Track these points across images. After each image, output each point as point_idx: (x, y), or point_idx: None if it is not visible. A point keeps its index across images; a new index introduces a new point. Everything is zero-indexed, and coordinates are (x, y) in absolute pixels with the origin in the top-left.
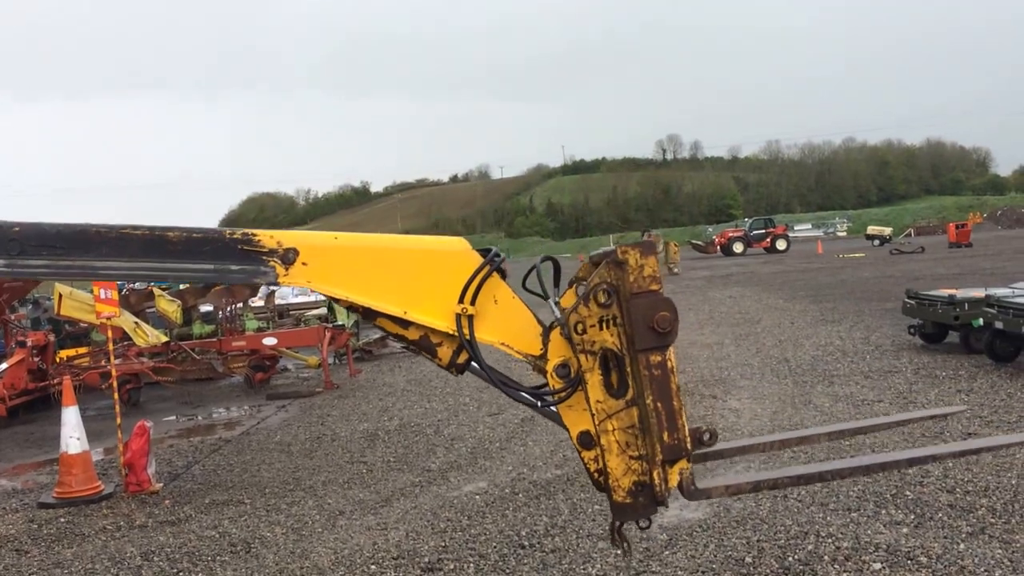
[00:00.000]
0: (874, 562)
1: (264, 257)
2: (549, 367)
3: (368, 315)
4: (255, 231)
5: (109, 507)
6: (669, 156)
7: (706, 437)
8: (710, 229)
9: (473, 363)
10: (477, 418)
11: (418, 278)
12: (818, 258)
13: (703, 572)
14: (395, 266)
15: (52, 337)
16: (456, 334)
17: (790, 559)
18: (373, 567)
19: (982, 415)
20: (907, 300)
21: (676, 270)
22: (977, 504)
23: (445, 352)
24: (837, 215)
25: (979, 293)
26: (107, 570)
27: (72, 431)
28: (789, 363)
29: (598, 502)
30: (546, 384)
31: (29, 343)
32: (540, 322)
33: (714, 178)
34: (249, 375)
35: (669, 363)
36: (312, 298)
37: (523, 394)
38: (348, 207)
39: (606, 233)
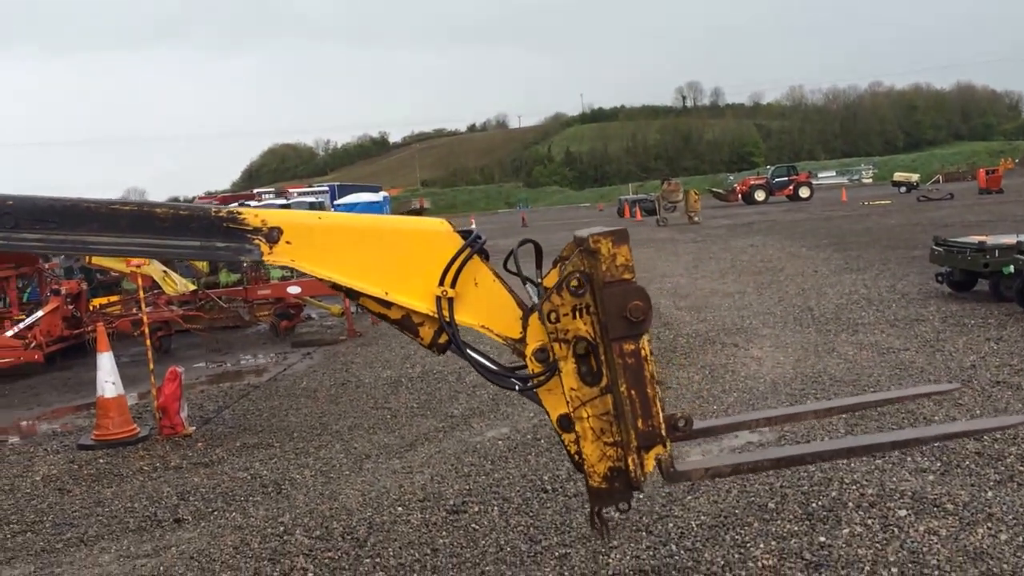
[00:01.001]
0: (899, 509)
1: (249, 235)
2: (528, 351)
3: (351, 294)
4: (241, 209)
5: (145, 449)
6: (689, 103)
7: (681, 423)
8: (731, 177)
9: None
10: None
11: (400, 259)
12: (842, 206)
13: (726, 517)
14: (377, 247)
15: (85, 285)
16: (436, 316)
17: (813, 505)
18: (400, 508)
19: (1011, 364)
20: (935, 247)
21: (696, 219)
22: (1006, 452)
23: (427, 332)
24: (862, 162)
25: (1010, 240)
26: (145, 509)
27: (107, 376)
28: (812, 312)
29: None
30: (526, 366)
31: (63, 291)
32: (521, 305)
33: (735, 125)
34: (275, 323)
35: (643, 351)
36: None
37: (502, 377)
38: (367, 157)
39: (625, 182)
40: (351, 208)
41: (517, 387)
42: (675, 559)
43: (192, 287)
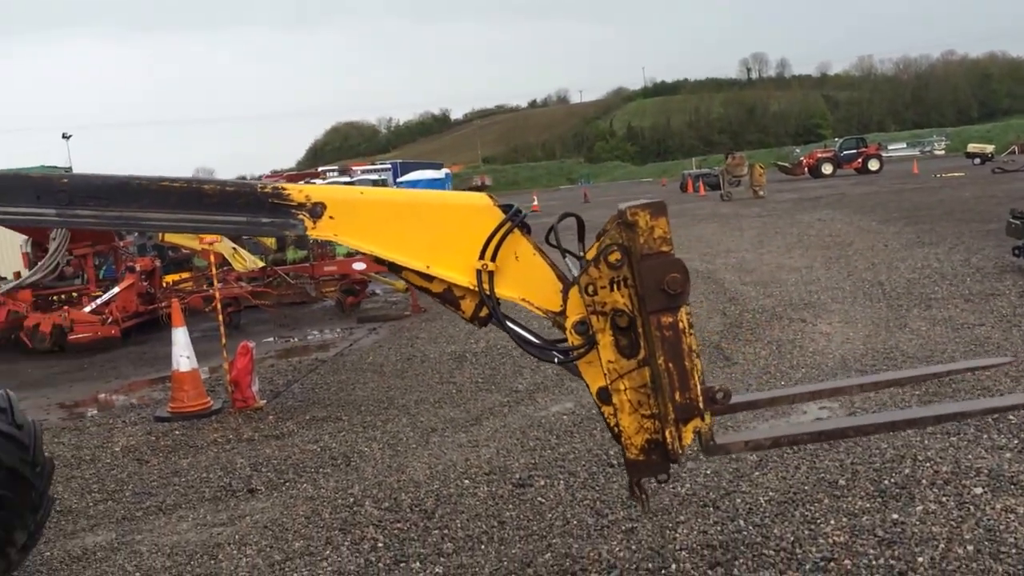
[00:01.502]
0: (975, 487)
1: (293, 210)
2: (568, 324)
3: (394, 268)
4: (285, 185)
5: (218, 421)
6: (754, 75)
7: (719, 396)
8: (797, 150)
9: (502, 315)
10: None
11: (441, 233)
12: (913, 178)
13: (795, 494)
14: (419, 221)
15: (158, 263)
16: (477, 289)
17: (886, 482)
18: (466, 481)
19: None
20: (1012, 220)
21: (761, 193)
22: None
23: (468, 305)
24: (934, 133)
25: None
26: (220, 479)
27: (182, 350)
28: (883, 286)
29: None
30: (565, 339)
31: (138, 268)
32: (561, 278)
33: (802, 97)
34: (340, 299)
35: (681, 324)
36: None
37: (542, 349)
38: (428, 135)
39: (688, 156)
40: (413, 185)
41: (556, 359)
42: (743, 535)
43: (261, 264)
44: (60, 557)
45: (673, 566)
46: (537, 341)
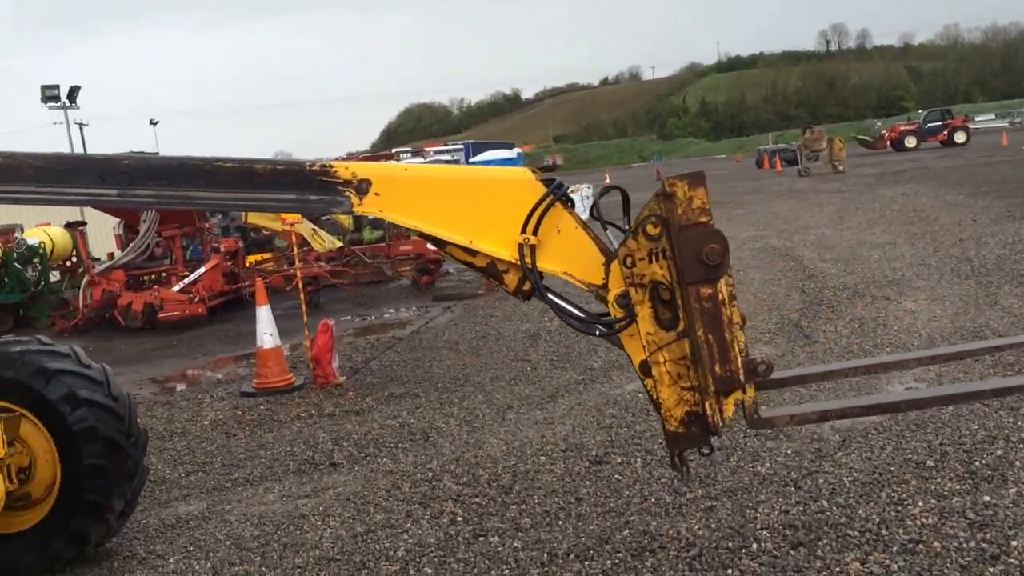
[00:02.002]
0: None
1: (340, 188)
2: (610, 297)
3: (438, 243)
4: (333, 163)
5: (301, 397)
6: (833, 47)
7: (761, 368)
8: (879, 123)
9: (537, 292)
10: None
11: (483, 208)
12: (1003, 150)
13: (880, 474)
14: (461, 196)
15: (241, 243)
16: (519, 263)
17: (976, 464)
18: (543, 458)
19: None
20: None
21: (841, 168)
22: None
23: (511, 279)
24: None
25: None
26: (303, 452)
27: (266, 328)
28: (971, 262)
29: (763, 402)
30: (608, 313)
31: (222, 249)
32: (603, 251)
33: (883, 68)
34: (416, 278)
35: (720, 295)
36: None
37: (586, 323)
38: (500, 114)
39: (764, 132)
40: (486, 165)
41: (599, 332)
42: (827, 515)
43: (339, 244)
44: (155, 525)
45: (754, 545)
46: (580, 314)
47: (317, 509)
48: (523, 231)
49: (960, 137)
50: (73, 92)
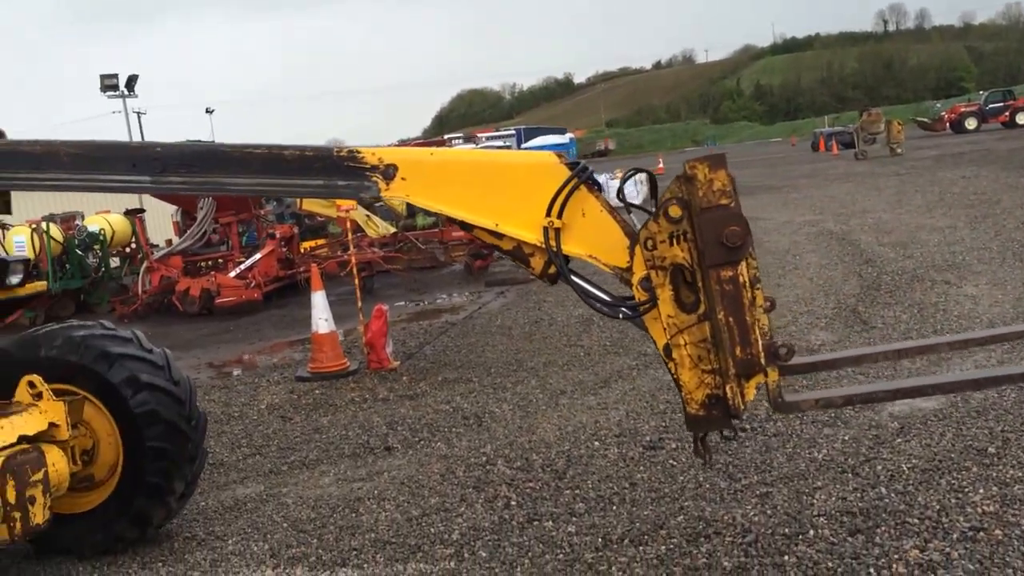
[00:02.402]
0: None
1: (367, 173)
2: (635, 280)
3: (465, 227)
4: (360, 148)
5: (355, 382)
6: (891, 27)
7: (783, 352)
8: (938, 105)
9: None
10: None
11: (509, 192)
12: None
13: (940, 461)
14: (487, 180)
15: (296, 229)
16: (544, 246)
17: None
18: (596, 443)
19: None
20: None
21: (899, 150)
22: None
23: (537, 262)
24: None
25: None
26: (358, 436)
27: (321, 313)
28: None
29: (821, 387)
30: (633, 296)
31: (277, 235)
32: (628, 235)
33: (943, 49)
34: (468, 263)
35: (741, 277)
36: None
37: (610, 306)
38: (551, 99)
39: (820, 114)
40: (539, 150)
41: (623, 315)
42: (885, 502)
43: (392, 230)
44: (214, 507)
45: (811, 532)
46: (606, 297)
47: (372, 492)
48: (548, 214)
49: (1022, 118)
50: (131, 81)
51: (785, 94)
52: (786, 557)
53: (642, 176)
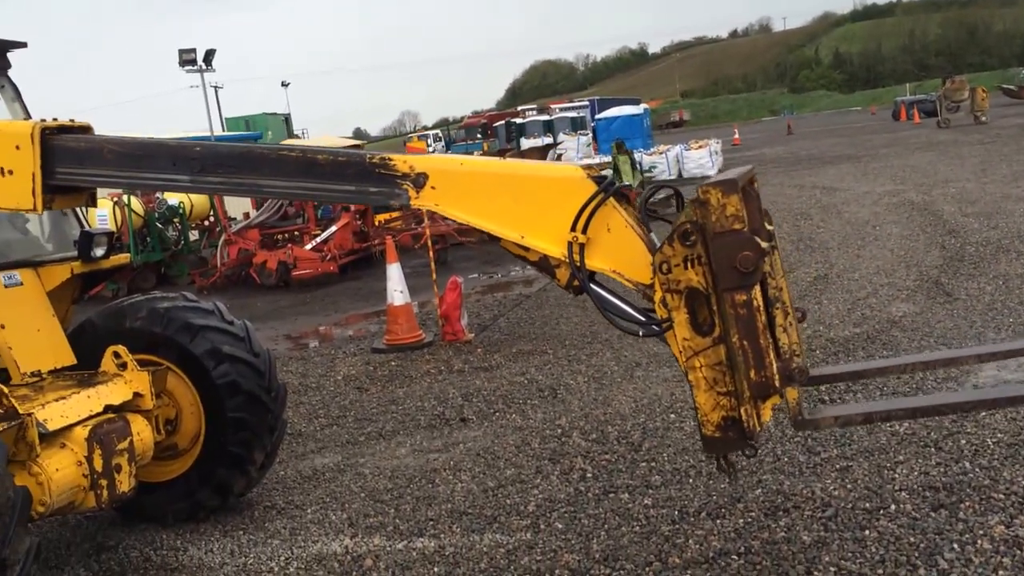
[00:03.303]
0: None
1: (398, 180)
2: (657, 297)
3: (493, 237)
4: (391, 156)
5: (430, 353)
6: None
7: (796, 374)
8: None
9: (592, 286)
10: None
11: (535, 204)
12: None
13: None
14: (514, 191)
15: None
16: (568, 261)
17: None
18: (672, 416)
19: None
20: None
21: (984, 118)
22: None
23: (563, 274)
24: None
25: None
26: (434, 408)
27: (396, 285)
28: None
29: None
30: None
31: (353, 208)
32: (653, 251)
33: None
34: None
35: (755, 302)
36: (596, 160)
37: (628, 322)
38: (626, 70)
39: (901, 82)
40: (612, 122)
41: (641, 332)
42: (969, 477)
43: None
44: (293, 476)
45: (892, 506)
46: (635, 314)
47: (448, 464)
48: (573, 229)
49: None
50: (209, 55)
51: (865, 62)
52: (867, 532)
53: (716, 147)
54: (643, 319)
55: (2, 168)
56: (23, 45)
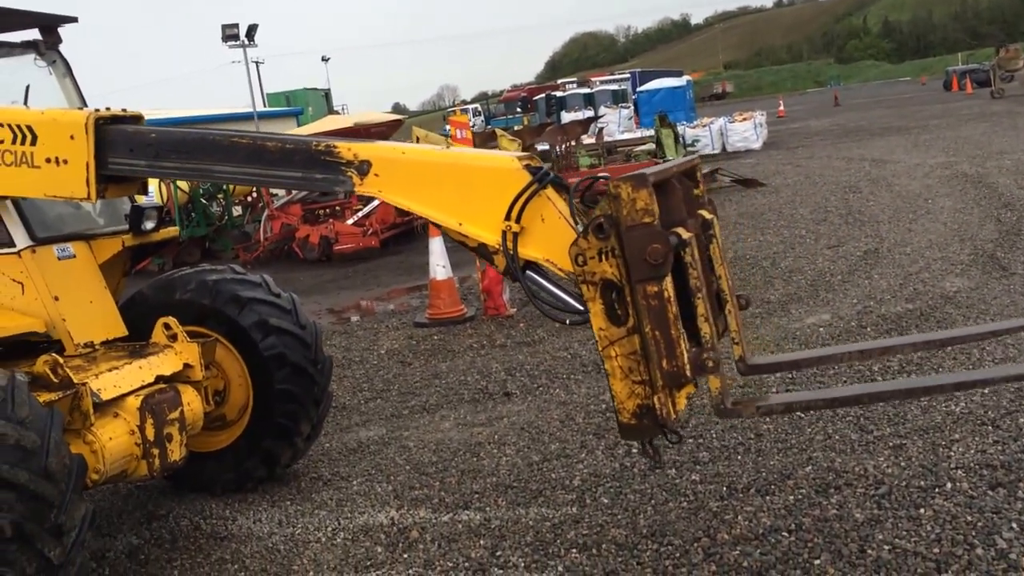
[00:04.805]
0: None
1: (343, 167)
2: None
3: (436, 224)
4: (336, 143)
5: (473, 328)
6: None
7: (709, 365)
8: None
9: (528, 272)
10: (815, 250)
11: (473, 193)
12: None
13: None
14: (453, 180)
15: None
16: (502, 249)
17: None
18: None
19: None
20: None
21: None
22: None
23: (500, 261)
24: None
25: None
26: (477, 382)
27: (439, 260)
28: None
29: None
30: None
31: None
32: None
33: None
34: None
35: (666, 293)
36: (638, 134)
37: (554, 309)
38: (667, 42)
39: (952, 51)
40: (655, 94)
41: (568, 321)
42: None
43: None
44: (338, 449)
45: (948, 485)
46: (569, 301)
47: (492, 437)
48: (507, 218)
49: None
50: (251, 30)
51: (915, 31)
52: (922, 511)
53: (761, 119)
54: (581, 307)
55: (57, 157)
56: (74, 20)
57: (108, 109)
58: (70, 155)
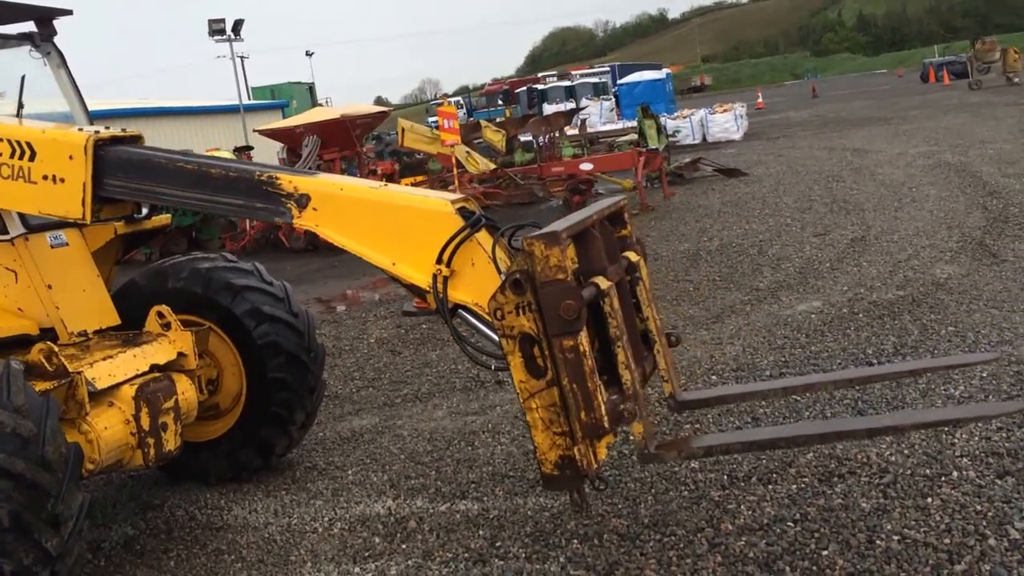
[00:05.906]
0: None
1: (283, 199)
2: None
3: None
4: (279, 175)
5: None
6: None
7: (626, 415)
8: None
9: (461, 311)
10: (802, 238)
11: (406, 234)
12: None
13: None
14: (388, 220)
15: (397, 166)
16: (431, 291)
17: None
18: (714, 377)
19: None
20: None
21: (1017, 79)
22: None
23: (431, 300)
24: None
25: None
26: (468, 371)
27: None
28: None
29: (951, 324)
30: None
31: (379, 171)
32: None
33: None
34: (567, 198)
35: (581, 347)
36: (620, 125)
37: (478, 353)
38: (646, 36)
39: (927, 44)
40: (635, 87)
41: (493, 366)
42: None
43: (492, 166)
44: (332, 438)
45: (954, 473)
46: (497, 340)
47: (486, 426)
48: (438, 261)
49: None
50: (237, 25)
51: (890, 24)
52: (929, 499)
53: (742, 111)
54: (481, 352)
55: (54, 175)
56: (69, 12)
57: (107, 129)
58: (67, 175)
